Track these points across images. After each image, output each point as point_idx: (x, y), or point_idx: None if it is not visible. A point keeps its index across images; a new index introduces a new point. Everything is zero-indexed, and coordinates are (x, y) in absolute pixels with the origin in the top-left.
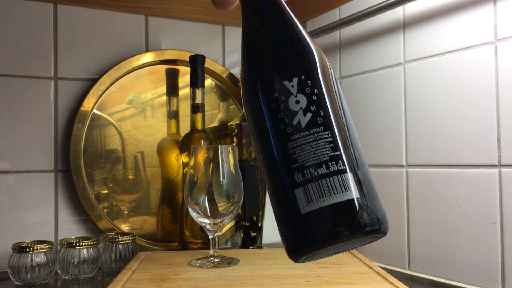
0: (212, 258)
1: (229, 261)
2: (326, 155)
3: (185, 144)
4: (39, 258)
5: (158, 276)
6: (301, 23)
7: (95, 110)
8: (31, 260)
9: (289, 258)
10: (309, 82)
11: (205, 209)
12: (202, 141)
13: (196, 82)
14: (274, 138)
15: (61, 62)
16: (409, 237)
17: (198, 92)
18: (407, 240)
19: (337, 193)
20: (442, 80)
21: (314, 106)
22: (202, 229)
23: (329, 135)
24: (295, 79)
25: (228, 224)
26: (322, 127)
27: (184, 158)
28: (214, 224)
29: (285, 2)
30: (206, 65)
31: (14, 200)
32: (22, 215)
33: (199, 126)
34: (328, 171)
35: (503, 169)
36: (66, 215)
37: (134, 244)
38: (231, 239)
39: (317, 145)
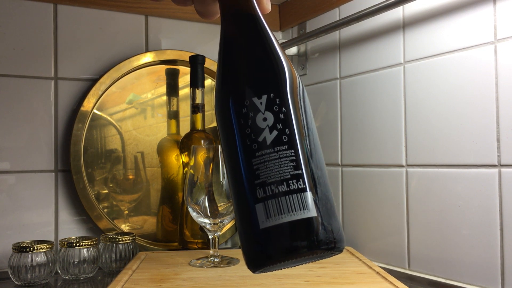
0: (212, 258)
1: (229, 261)
2: (287, 173)
3: (185, 144)
4: (39, 258)
5: (158, 276)
6: (301, 23)
7: (95, 110)
8: (31, 260)
9: (248, 268)
10: (277, 100)
11: (205, 209)
12: (202, 141)
13: (196, 82)
14: (240, 153)
15: (61, 62)
16: (409, 237)
17: (198, 92)
18: (407, 240)
19: (296, 211)
20: (442, 80)
21: (280, 125)
22: (202, 229)
23: (293, 153)
24: (264, 97)
25: (228, 224)
26: (286, 146)
27: (184, 158)
28: (214, 224)
29: (267, 12)
30: (206, 65)
31: (15, 200)
32: (23, 215)
33: (199, 126)
34: (288, 189)
35: (503, 169)
36: (66, 215)
37: (134, 244)
38: (231, 239)
39: (280, 163)
